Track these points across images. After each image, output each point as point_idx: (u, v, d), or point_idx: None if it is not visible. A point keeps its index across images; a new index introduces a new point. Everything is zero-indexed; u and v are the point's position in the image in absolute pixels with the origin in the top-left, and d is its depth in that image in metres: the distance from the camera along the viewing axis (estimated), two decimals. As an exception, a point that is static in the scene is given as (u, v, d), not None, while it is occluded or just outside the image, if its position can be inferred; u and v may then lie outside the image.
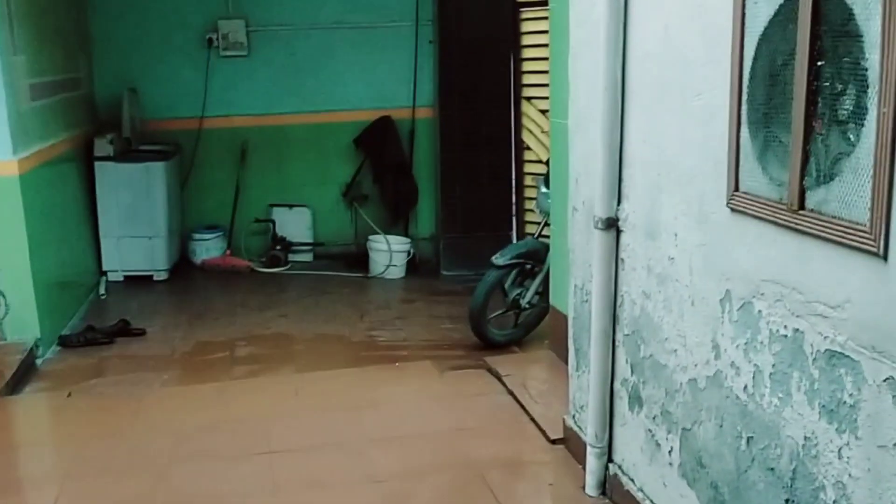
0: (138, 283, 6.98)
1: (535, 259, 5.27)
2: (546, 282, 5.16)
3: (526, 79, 7.10)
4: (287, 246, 7.62)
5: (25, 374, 5.03)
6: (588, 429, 3.51)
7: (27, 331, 5.26)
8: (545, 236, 5.32)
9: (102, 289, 6.81)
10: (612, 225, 3.24)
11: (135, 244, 6.98)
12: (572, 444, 3.84)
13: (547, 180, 5.21)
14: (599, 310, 3.33)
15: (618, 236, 3.25)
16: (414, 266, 7.52)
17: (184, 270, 7.39)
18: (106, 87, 7.28)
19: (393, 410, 4.51)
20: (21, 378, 4.95)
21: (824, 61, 2.04)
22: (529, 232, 6.84)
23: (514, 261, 5.24)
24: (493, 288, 5.24)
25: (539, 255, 5.25)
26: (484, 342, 5.34)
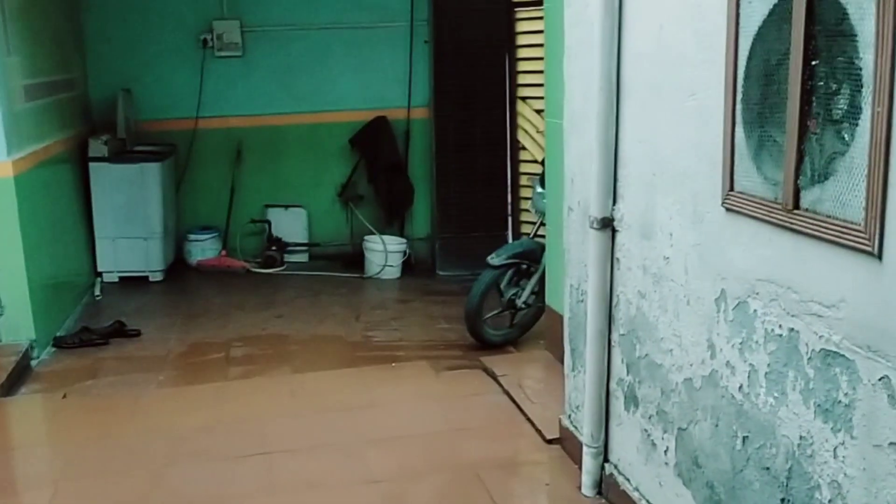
0: (133, 284, 6.97)
1: (531, 259, 5.27)
2: (542, 282, 5.16)
3: (521, 79, 7.11)
4: (282, 246, 7.61)
5: (20, 375, 5.02)
6: (584, 429, 3.51)
7: (22, 332, 5.25)
8: (541, 236, 5.32)
9: (97, 290, 6.80)
10: (608, 225, 3.25)
11: (130, 245, 6.96)
12: (568, 443, 3.84)
13: (542, 180, 5.21)
14: (595, 310, 3.33)
15: (613, 236, 3.26)
16: (409, 266, 7.51)
17: (179, 271, 7.38)
18: (101, 87, 7.26)
19: (389, 411, 4.50)
20: (16, 379, 4.94)
21: (818, 61, 2.05)
22: (525, 232, 6.84)
23: (509, 261, 5.24)
24: (489, 288, 5.24)
25: (535, 255, 5.25)
26: (480, 342, 5.34)
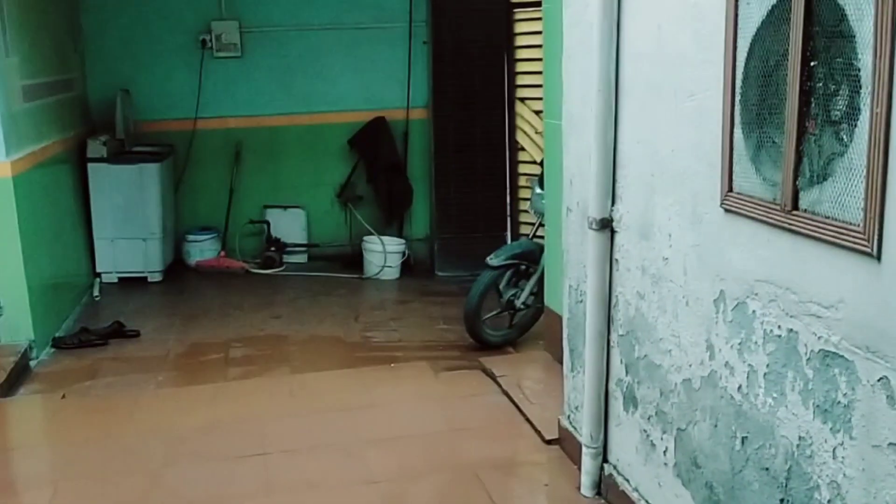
0: (132, 285, 6.97)
1: (530, 260, 5.27)
2: (541, 282, 5.16)
3: (520, 79, 7.11)
4: (281, 247, 7.61)
5: (19, 376, 5.01)
6: (583, 429, 3.52)
7: (21, 333, 5.25)
8: (539, 237, 5.33)
9: (96, 290, 6.80)
10: (607, 225, 3.25)
11: (129, 246, 6.96)
12: (567, 444, 3.84)
13: (541, 181, 5.21)
14: (594, 310, 3.33)
15: (612, 237, 3.26)
16: (408, 267, 7.51)
17: (178, 272, 7.38)
18: (99, 88, 7.26)
19: (388, 411, 4.51)
20: (15, 380, 4.94)
21: (817, 62, 2.05)
22: (524, 233, 6.84)
23: (508, 261, 5.24)
24: (488, 289, 5.24)
25: (534, 255, 5.25)
26: (479, 343, 5.34)
